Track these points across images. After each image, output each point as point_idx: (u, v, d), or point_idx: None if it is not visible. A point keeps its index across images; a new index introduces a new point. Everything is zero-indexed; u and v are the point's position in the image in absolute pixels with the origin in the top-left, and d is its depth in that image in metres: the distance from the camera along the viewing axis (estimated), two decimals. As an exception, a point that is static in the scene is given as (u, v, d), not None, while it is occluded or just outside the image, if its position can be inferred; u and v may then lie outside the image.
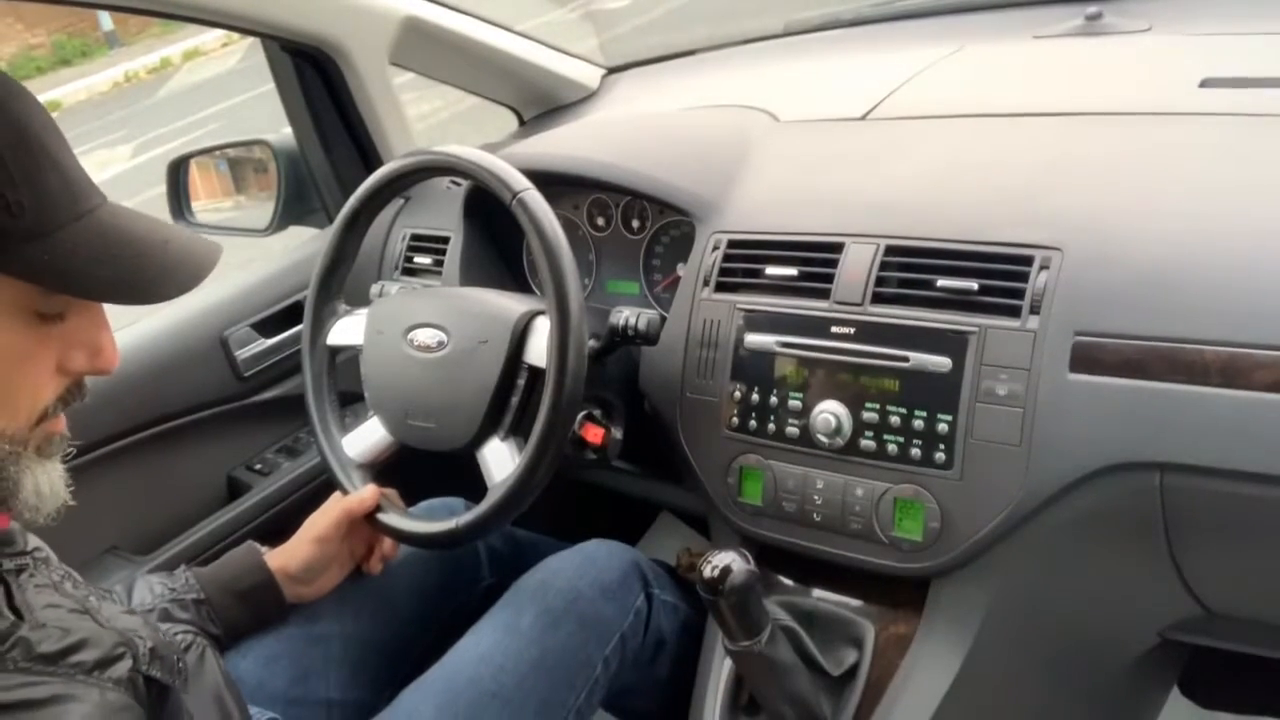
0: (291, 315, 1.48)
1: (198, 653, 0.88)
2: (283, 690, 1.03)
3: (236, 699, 0.87)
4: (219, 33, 8.50)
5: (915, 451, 0.94)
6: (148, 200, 5.65)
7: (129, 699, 0.65)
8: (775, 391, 1.02)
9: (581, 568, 1.10)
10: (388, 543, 1.12)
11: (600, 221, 1.34)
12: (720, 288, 1.08)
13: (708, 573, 0.85)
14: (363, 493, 1.09)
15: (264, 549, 1.06)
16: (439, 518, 1.05)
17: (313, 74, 1.49)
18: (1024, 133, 1.09)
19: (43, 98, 0.70)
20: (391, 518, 1.08)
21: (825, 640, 1.02)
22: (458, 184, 1.40)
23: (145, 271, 0.68)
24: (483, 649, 1.03)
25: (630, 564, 1.14)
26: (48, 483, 0.70)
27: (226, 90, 7.83)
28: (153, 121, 7.70)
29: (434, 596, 1.18)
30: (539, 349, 1.02)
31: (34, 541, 0.74)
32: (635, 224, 1.30)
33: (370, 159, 1.53)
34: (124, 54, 10.32)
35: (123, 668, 0.66)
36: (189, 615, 0.98)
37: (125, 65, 9.83)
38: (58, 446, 0.71)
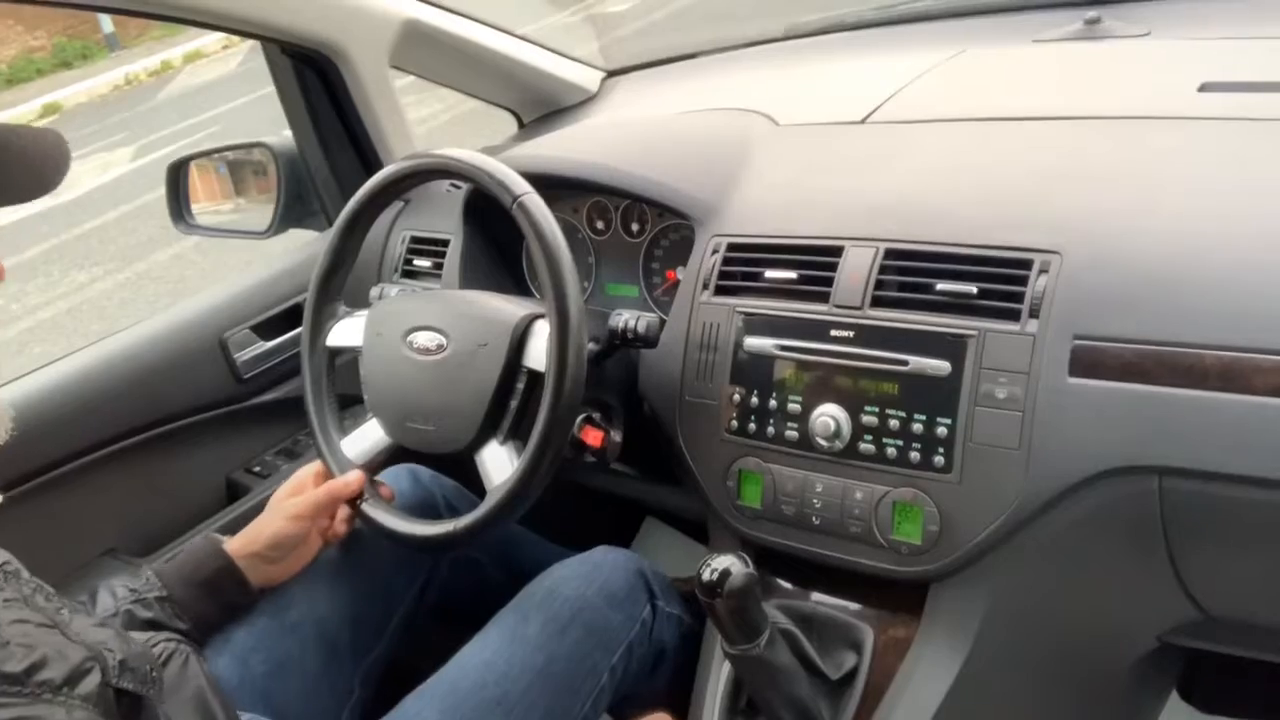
0: (291, 317, 1.48)
1: (180, 661, 0.86)
2: (261, 683, 1.01)
3: (223, 704, 0.86)
4: (219, 35, 8.51)
5: (914, 455, 0.94)
6: (149, 202, 5.66)
7: (97, 715, 0.64)
8: (774, 395, 1.02)
9: (589, 575, 1.10)
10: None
11: (600, 224, 1.34)
12: (720, 291, 1.08)
13: (706, 576, 0.85)
14: (348, 477, 1.08)
15: (224, 538, 1.04)
16: (417, 503, 1.03)
17: (313, 77, 1.49)
18: (1023, 137, 1.09)
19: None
20: (388, 519, 1.07)
21: (824, 644, 1.02)
22: (458, 187, 1.40)
23: (11, 168, 0.70)
24: (487, 655, 1.02)
25: (636, 573, 1.13)
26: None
27: (227, 93, 7.84)
28: (153, 124, 7.70)
29: (400, 568, 1.16)
30: (538, 352, 1.02)
31: (2, 555, 0.73)
32: (635, 227, 1.30)
33: (370, 162, 1.53)
34: (124, 56, 10.33)
35: (91, 682, 0.65)
36: (153, 613, 0.95)
37: (126, 68, 9.83)
38: None
